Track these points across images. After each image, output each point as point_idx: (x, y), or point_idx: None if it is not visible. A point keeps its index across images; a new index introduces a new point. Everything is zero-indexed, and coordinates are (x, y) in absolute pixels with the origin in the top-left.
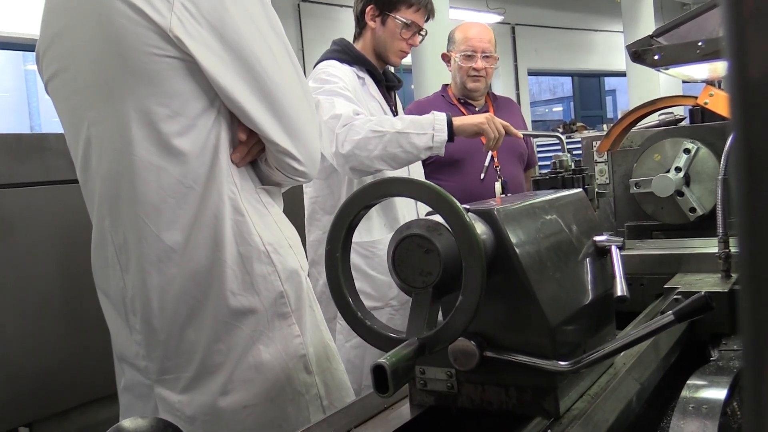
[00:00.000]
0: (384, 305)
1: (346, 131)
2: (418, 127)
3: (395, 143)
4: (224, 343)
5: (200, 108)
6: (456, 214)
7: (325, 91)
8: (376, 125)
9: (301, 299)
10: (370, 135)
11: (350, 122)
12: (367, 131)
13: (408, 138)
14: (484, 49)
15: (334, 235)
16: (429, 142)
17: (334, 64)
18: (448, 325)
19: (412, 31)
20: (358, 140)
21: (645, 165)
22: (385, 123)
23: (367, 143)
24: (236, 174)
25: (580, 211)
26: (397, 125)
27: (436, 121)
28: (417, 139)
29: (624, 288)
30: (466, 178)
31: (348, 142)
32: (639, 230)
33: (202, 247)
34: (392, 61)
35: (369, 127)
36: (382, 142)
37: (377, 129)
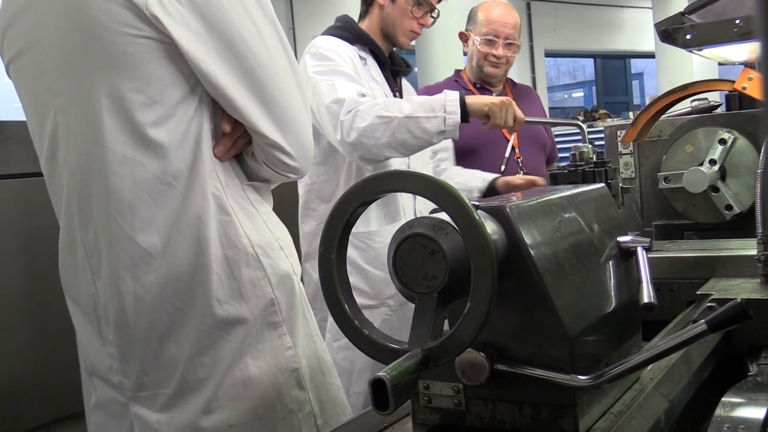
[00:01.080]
0: (379, 304)
1: (351, 118)
2: (428, 109)
3: (404, 129)
4: (208, 356)
5: (180, 95)
6: (464, 211)
7: (324, 71)
8: (382, 110)
9: (294, 307)
10: (377, 121)
11: (355, 107)
12: (373, 117)
13: (418, 122)
14: (507, 35)
15: (328, 234)
16: (441, 125)
17: (331, 39)
18: (454, 334)
19: (424, 10)
20: (364, 127)
21: (675, 157)
22: (393, 107)
23: (374, 130)
24: (220, 169)
25: (602, 209)
26: (406, 109)
27: (448, 102)
28: (427, 123)
29: (651, 294)
30: (485, 168)
31: (354, 130)
32: (668, 230)
33: (184, 250)
34: (401, 41)
35: (375, 113)
36: (389, 128)
37: (384, 114)
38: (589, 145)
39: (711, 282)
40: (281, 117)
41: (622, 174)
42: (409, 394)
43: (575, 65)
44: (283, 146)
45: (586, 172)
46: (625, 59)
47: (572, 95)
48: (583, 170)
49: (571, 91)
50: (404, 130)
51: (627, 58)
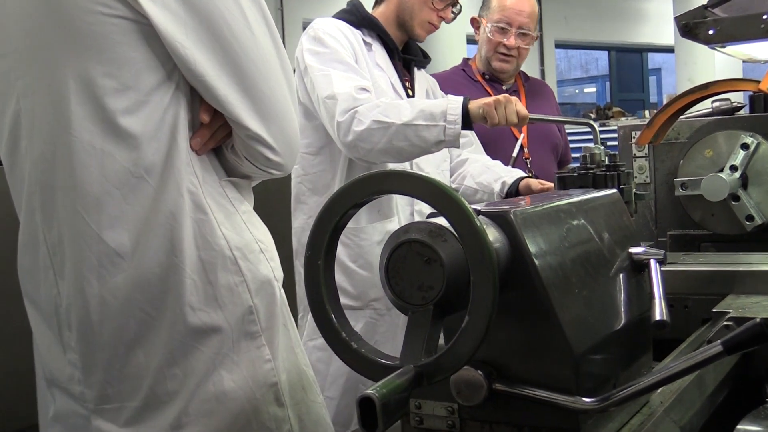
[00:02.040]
0: (363, 306)
1: (349, 120)
2: (428, 117)
3: (401, 136)
4: (179, 368)
5: (155, 81)
6: (464, 216)
7: (320, 59)
8: (381, 114)
9: (274, 315)
10: (374, 126)
11: (354, 107)
12: (370, 121)
13: (416, 131)
14: (521, 24)
15: (315, 238)
16: (440, 135)
17: (332, 22)
18: (451, 350)
19: (446, 2)
20: (361, 131)
21: (694, 162)
22: (392, 111)
23: (371, 135)
24: (197, 163)
25: (613, 217)
26: (405, 115)
27: (450, 110)
28: (426, 132)
29: (664, 311)
30: None
31: (351, 133)
32: (684, 241)
33: (155, 250)
34: (416, 33)
35: (373, 117)
36: (387, 134)
37: (382, 120)
38: (601, 146)
39: (728, 299)
40: (265, 108)
41: (635, 179)
42: (399, 413)
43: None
44: (265, 140)
45: (597, 175)
46: (641, 53)
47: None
48: (594, 174)
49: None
50: (402, 138)
51: (644, 52)
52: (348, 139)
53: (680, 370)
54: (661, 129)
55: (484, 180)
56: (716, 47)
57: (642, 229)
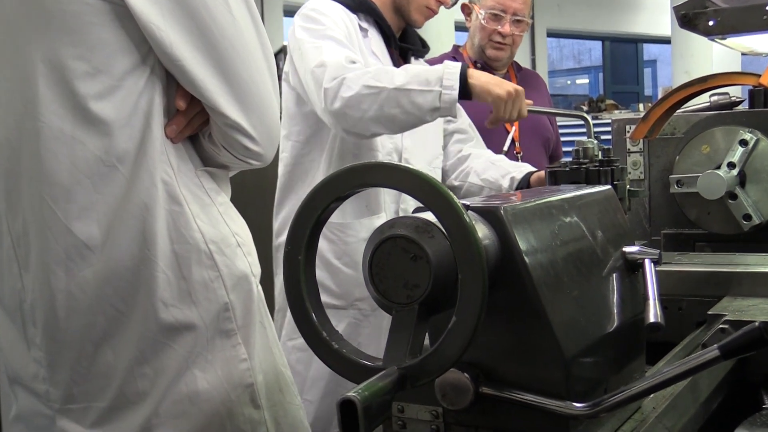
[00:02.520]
0: (347, 306)
1: (336, 86)
2: (422, 82)
3: (393, 102)
4: (150, 366)
5: (129, 65)
6: (452, 212)
7: (312, 34)
8: (371, 79)
9: (251, 313)
10: (364, 91)
11: (342, 75)
12: (360, 86)
13: (409, 96)
14: (516, 11)
15: (296, 233)
16: (435, 101)
17: (327, 2)
18: (436, 352)
19: None
20: (350, 97)
21: (690, 158)
22: (383, 76)
23: (360, 102)
24: (172, 151)
25: (607, 214)
26: (398, 79)
27: (446, 75)
28: (420, 97)
29: (658, 313)
30: None
31: (338, 99)
32: (679, 240)
33: (126, 243)
34: (413, 18)
35: (363, 82)
36: (377, 100)
37: (373, 84)
38: (594, 140)
39: (725, 301)
40: (244, 95)
41: (630, 175)
42: (381, 417)
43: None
44: (245, 128)
45: (590, 171)
46: (637, 44)
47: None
48: (587, 169)
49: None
50: (393, 104)
51: (639, 42)
52: (335, 106)
53: (674, 375)
54: (657, 123)
55: (490, 176)
56: (716, 39)
57: (636, 227)
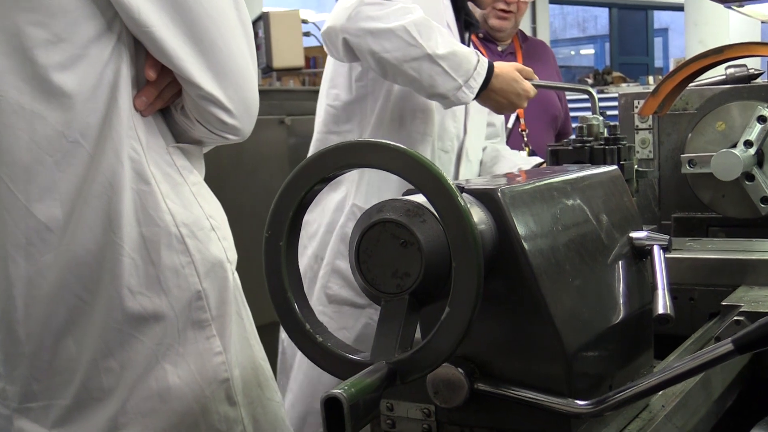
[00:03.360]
0: (366, 305)
1: (374, 6)
2: (453, 65)
3: (417, 64)
4: (116, 360)
5: (93, 32)
6: (445, 194)
7: None
8: (414, 25)
9: (226, 302)
10: (399, 33)
11: (384, 0)
12: (398, 26)
13: (434, 71)
14: None
15: (276, 216)
16: (450, 92)
17: None
18: (428, 345)
19: None
20: (382, 29)
21: (704, 136)
22: (426, 31)
23: (388, 40)
24: (141, 126)
25: (612, 197)
26: (438, 46)
27: (476, 73)
28: (441, 78)
29: (667, 303)
30: None
31: (369, 20)
32: (691, 225)
33: (90, 225)
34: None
35: (404, 22)
36: (405, 53)
37: (412, 33)
38: (600, 116)
39: (740, 291)
40: (219, 63)
41: (638, 154)
42: (369, 416)
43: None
44: (220, 100)
45: (594, 149)
46: (646, 11)
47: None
48: (591, 147)
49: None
50: (416, 66)
51: (649, 9)
52: (358, 25)
53: (685, 370)
54: (668, 98)
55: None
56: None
57: (644, 211)
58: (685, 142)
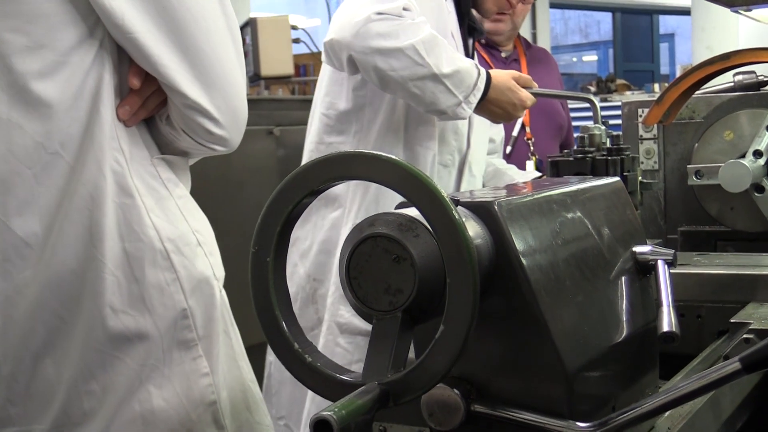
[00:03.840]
0: None
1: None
2: (456, 82)
3: (422, 83)
4: (98, 382)
5: (74, 38)
6: (439, 207)
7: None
8: (423, 43)
9: (213, 320)
10: (408, 52)
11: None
12: (407, 44)
13: (437, 89)
14: None
15: (263, 231)
16: (449, 108)
17: None
18: (422, 365)
19: None
20: (391, 48)
21: (711, 146)
22: (433, 50)
23: (397, 58)
24: (124, 136)
25: (615, 209)
26: (444, 66)
27: (476, 89)
28: (443, 95)
29: (673, 321)
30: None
31: (377, 39)
32: (698, 239)
33: (71, 241)
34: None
35: (414, 41)
36: (412, 70)
37: (420, 52)
38: (602, 125)
39: (749, 307)
40: (206, 71)
41: (642, 165)
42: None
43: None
44: (207, 109)
45: (596, 160)
46: (651, 15)
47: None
48: (593, 158)
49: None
50: (420, 85)
51: (655, 13)
52: (368, 42)
53: (692, 390)
54: (673, 106)
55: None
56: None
57: (648, 224)
58: (691, 153)
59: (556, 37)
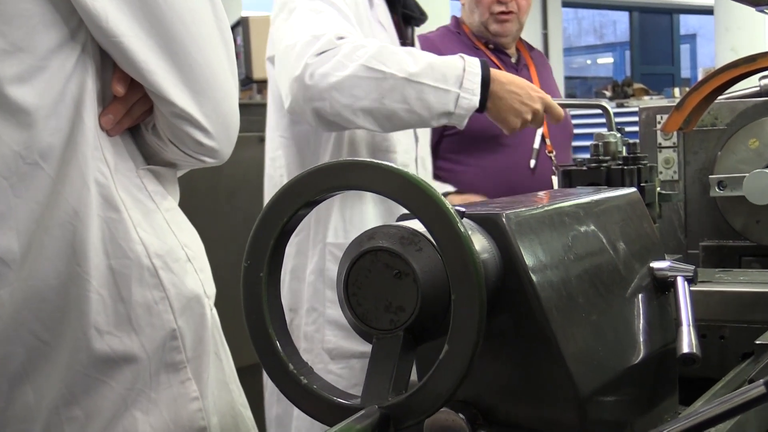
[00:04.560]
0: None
1: (325, 61)
2: (438, 76)
3: (399, 95)
4: (81, 408)
5: (54, 41)
6: (444, 219)
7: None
8: (374, 59)
9: (203, 341)
10: (363, 74)
11: (331, 48)
12: (358, 67)
13: (421, 90)
14: None
15: (256, 245)
16: (450, 105)
17: None
18: (425, 388)
19: None
20: (343, 79)
21: (735, 155)
22: (390, 58)
23: (355, 86)
24: (108, 146)
25: (631, 222)
26: (410, 66)
27: (468, 74)
28: (433, 95)
29: (693, 342)
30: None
31: (326, 77)
32: (722, 254)
33: (52, 257)
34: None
35: (363, 61)
36: (379, 88)
37: (376, 67)
38: (617, 133)
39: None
40: (196, 78)
41: (660, 175)
42: None
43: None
44: (196, 118)
45: (611, 170)
46: (671, 14)
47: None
48: (608, 168)
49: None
50: (398, 97)
51: (675, 13)
52: (320, 85)
53: (714, 416)
54: (694, 112)
55: None
56: (766, 9)
57: (668, 238)
58: (713, 162)
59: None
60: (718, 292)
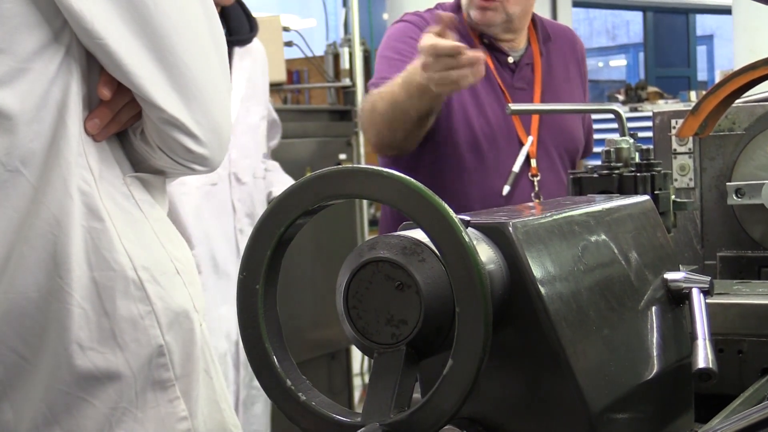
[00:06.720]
0: None
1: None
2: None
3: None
4: (62, 428)
5: (37, 43)
6: (448, 229)
7: None
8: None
9: (192, 358)
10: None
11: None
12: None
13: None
14: None
15: (252, 256)
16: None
17: None
18: (428, 404)
19: None
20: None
21: (753, 161)
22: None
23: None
24: (93, 153)
25: (645, 232)
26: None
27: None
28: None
29: (710, 357)
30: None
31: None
32: (739, 265)
33: (32, 269)
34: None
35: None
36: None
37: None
38: (630, 138)
39: None
40: (186, 82)
41: (675, 182)
42: None
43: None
44: (185, 124)
45: (623, 177)
46: (687, 14)
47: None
48: (620, 175)
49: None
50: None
51: (691, 12)
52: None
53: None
54: (711, 116)
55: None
56: None
57: (683, 248)
58: (731, 168)
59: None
60: (736, 305)
